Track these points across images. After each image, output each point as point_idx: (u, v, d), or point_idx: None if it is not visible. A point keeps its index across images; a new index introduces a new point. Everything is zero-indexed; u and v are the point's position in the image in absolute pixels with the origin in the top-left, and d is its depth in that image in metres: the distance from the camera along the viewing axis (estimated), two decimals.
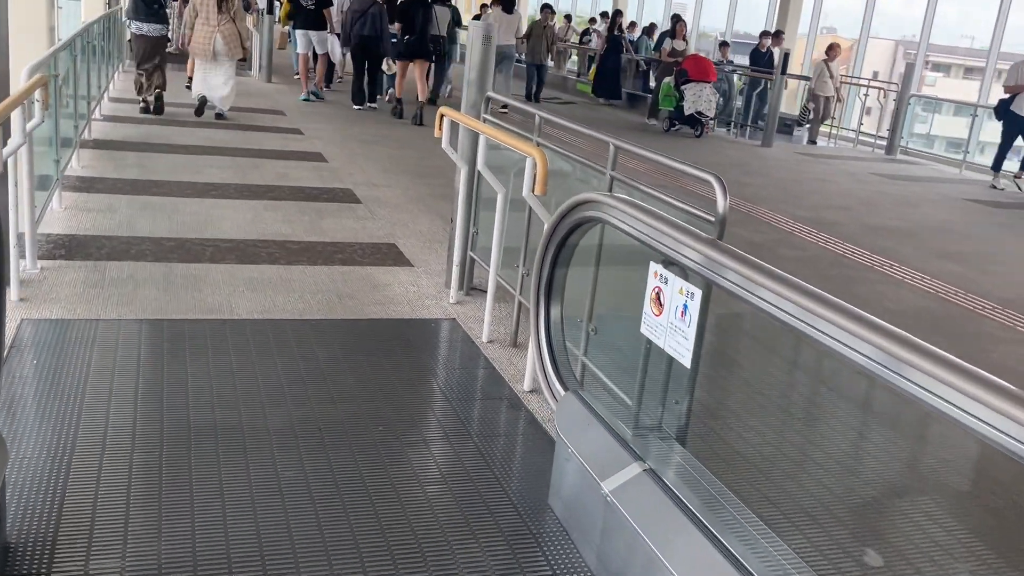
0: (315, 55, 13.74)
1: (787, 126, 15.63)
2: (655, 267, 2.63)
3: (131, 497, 2.88)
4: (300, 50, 13.64)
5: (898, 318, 4.38)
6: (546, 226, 3.27)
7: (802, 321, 1.98)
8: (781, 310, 2.05)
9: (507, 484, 3.23)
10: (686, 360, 2.46)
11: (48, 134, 5.87)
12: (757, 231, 7.84)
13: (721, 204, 2.77)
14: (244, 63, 15.96)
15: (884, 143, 15.20)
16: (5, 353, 3.58)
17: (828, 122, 16.01)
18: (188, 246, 5.50)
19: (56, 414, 3.31)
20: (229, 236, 5.80)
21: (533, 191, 3.67)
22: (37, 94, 4.30)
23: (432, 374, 4.07)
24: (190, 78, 11.23)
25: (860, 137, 15.94)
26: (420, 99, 12.25)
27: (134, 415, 3.37)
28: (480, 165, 4.29)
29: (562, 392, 3.21)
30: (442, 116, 4.79)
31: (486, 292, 5.23)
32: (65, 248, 5.19)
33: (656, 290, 2.62)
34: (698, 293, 2.42)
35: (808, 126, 15.52)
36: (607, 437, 2.83)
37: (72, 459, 3.04)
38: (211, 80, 10.12)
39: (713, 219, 2.82)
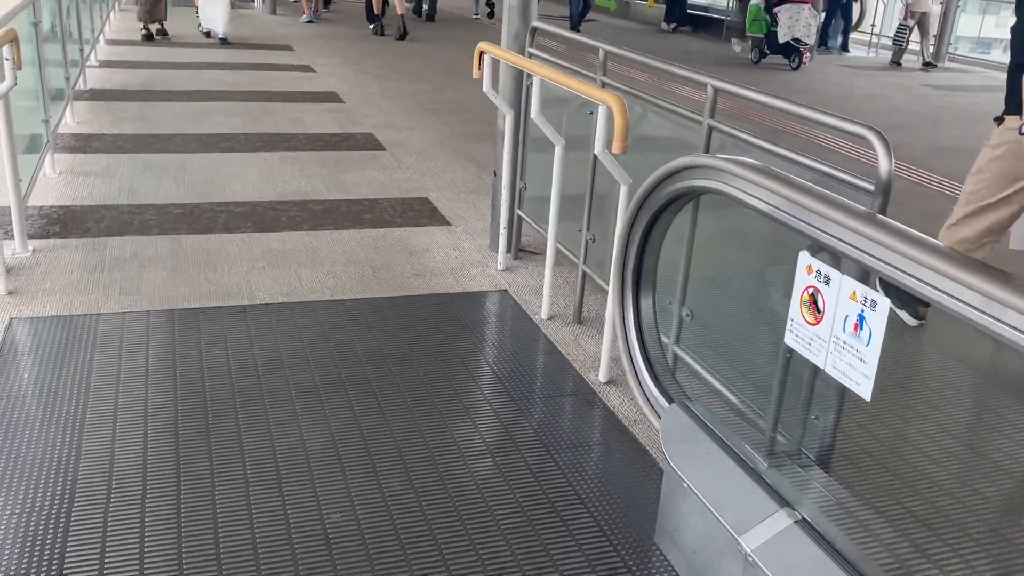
0: None
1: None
2: (808, 260, 1.99)
3: (145, 542, 2.34)
4: None
5: None
6: (634, 197, 2.62)
7: None
8: None
9: (594, 508, 2.66)
10: (864, 390, 1.84)
11: (33, 87, 5.22)
12: None
13: (884, 167, 2.12)
14: None
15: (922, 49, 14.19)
16: None
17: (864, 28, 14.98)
18: (197, 213, 4.88)
19: (52, 441, 2.75)
20: (243, 198, 5.17)
21: (609, 149, 3.01)
22: (5, 51, 3.64)
23: (487, 364, 3.47)
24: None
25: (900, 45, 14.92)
26: (399, 12, 12.55)
27: (143, 437, 2.81)
28: (534, 113, 3.62)
29: (664, 403, 2.61)
30: (481, 53, 4.09)
31: (536, 253, 4.62)
32: (60, 223, 4.58)
33: (810, 291, 1.99)
34: (883, 304, 1.78)
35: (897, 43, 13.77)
36: (735, 470, 2.24)
37: (72, 501, 2.49)
38: (209, 12, 10.88)
39: (872, 187, 2.17)
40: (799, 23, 12.12)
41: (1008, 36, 3.63)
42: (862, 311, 1.83)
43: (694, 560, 2.33)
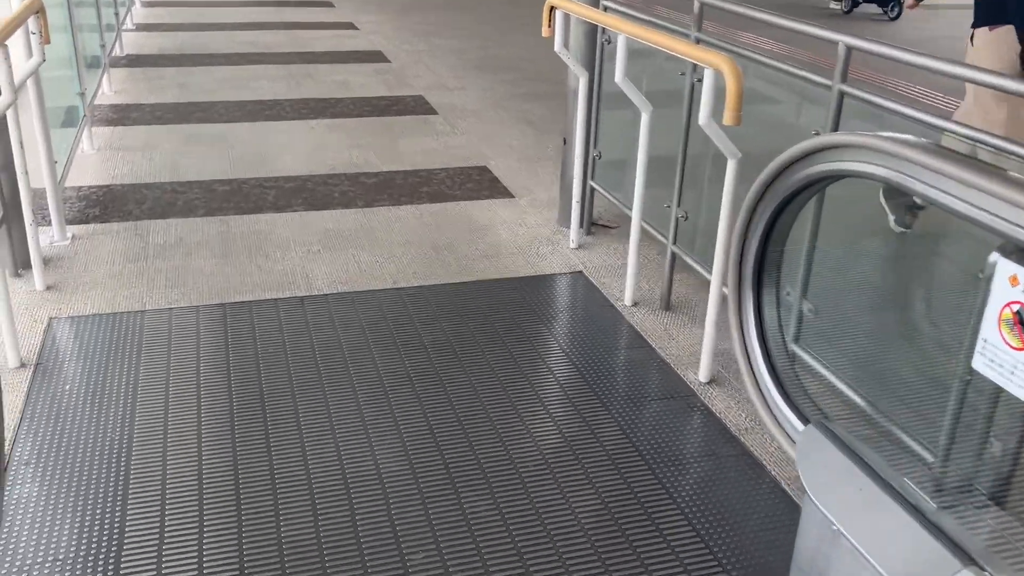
0: None
1: None
2: (1011, 268, 1.60)
3: (204, 545, 2.05)
4: None
5: None
6: (758, 180, 2.22)
7: None
8: None
9: (705, 533, 2.32)
10: None
11: (67, 55, 4.91)
12: None
13: None
14: None
15: None
16: (30, 372, 2.75)
17: None
18: (245, 190, 4.55)
19: (102, 450, 2.47)
20: (292, 172, 4.83)
21: (719, 120, 2.60)
22: (31, 23, 3.30)
23: (567, 358, 3.12)
24: None
25: None
26: None
27: (198, 450, 2.51)
28: (619, 77, 3.20)
29: (797, 423, 2.24)
30: (552, 8, 3.68)
31: (609, 227, 4.24)
32: (100, 205, 4.29)
33: (1014, 308, 1.59)
34: None
35: None
36: (899, 513, 1.87)
37: (124, 520, 2.20)
38: None
39: None
40: None
41: None
42: None
43: None
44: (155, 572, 2.13)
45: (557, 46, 3.67)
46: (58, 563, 2.15)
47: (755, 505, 2.45)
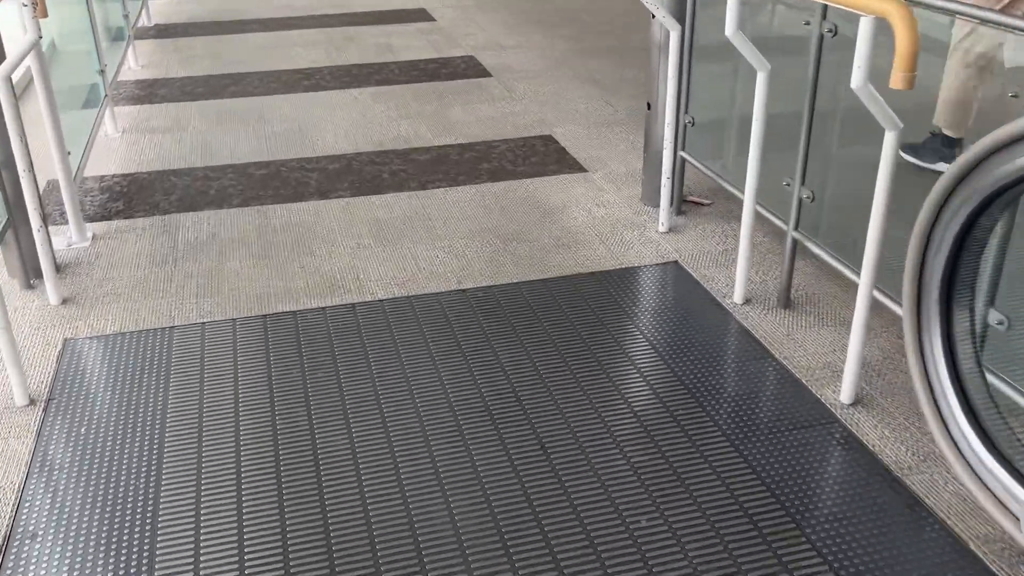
0: None
1: None
2: None
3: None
4: None
5: None
6: (944, 176, 1.66)
7: None
8: None
9: None
10: None
11: (83, 27, 4.43)
12: None
13: None
14: None
15: None
16: (40, 411, 2.30)
17: None
18: (285, 173, 4.06)
19: (118, 527, 2.02)
20: (336, 150, 4.32)
21: (880, 83, 2.02)
22: None
23: (671, 370, 2.59)
24: None
25: None
26: None
27: (238, 513, 2.05)
28: (730, 31, 2.62)
29: (1018, 490, 1.69)
30: None
31: (702, 203, 3.67)
32: (124, 198, 3.83)
33: None
34: None
35: None
36: None
37: (154, 550, 1.75)
38: None
39: None
40: None
41: None
42: None
43: None
44: None
45: (650, 2, 3.09)
46: None
47: (937, 568, 1.92)
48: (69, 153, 3.35)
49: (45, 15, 2.89)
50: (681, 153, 3.47)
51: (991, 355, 1.99)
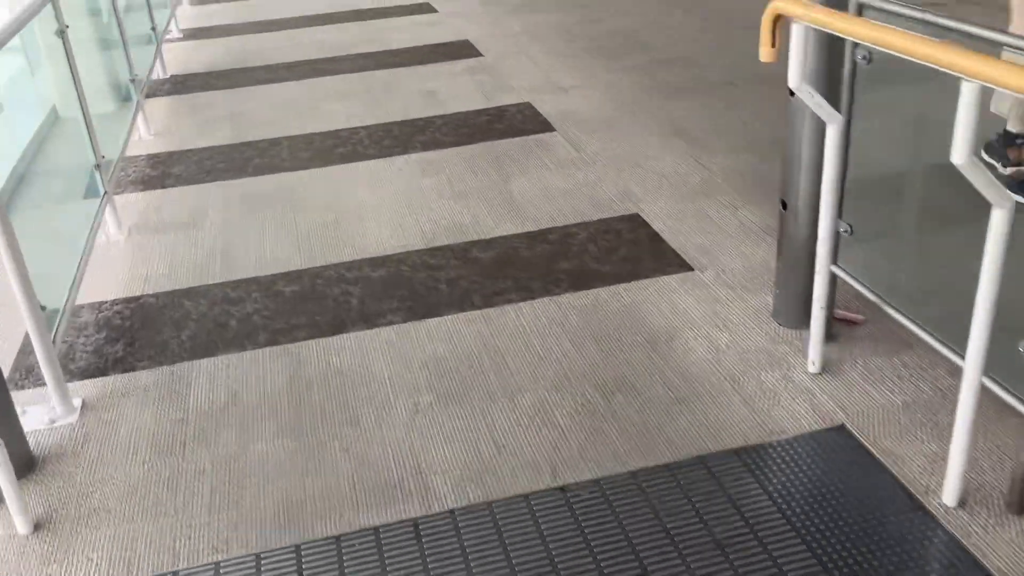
0: None
1: None
2: None
3: None
4: None
5: None
6: None
7: None
8: None
9: None
10: None
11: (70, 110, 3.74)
12: None
13: None
14: None
15: None
16: None
17: None
18: (320, 288, 3.32)
19: None
20: (380, 248, 3.57)
21: None
22: None
23: None
24: None
25: None
26: None
27: None
28: (960, 158, 1.81)
29: None
30: (777, 16, 2.27)
31: (853, 322, 2.83)
32: (124, 337, 3.11)
33: None
34: None
35: None
36: None
37: None
38: None
39: None
40: None
41: None
42: None
43: None
44: None
45: (794, 80, 2.26)
46: None
47: None
48: (45, 307, 2.63)
49: None
50: (832, 268, 2.65)
51: None
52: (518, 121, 4.86)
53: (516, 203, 3.89)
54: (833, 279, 2.66)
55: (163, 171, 4.52)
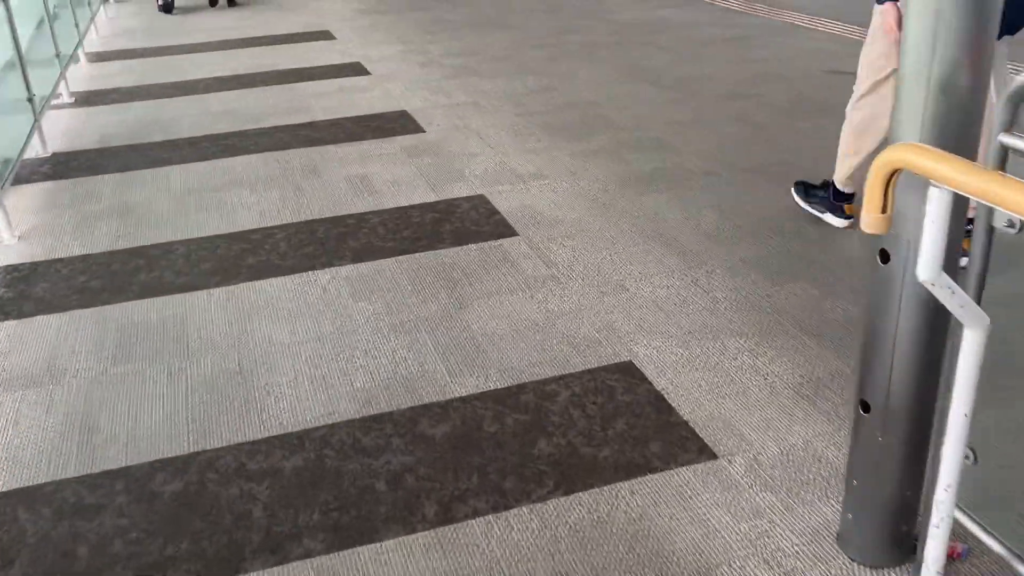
0: None
1: None
2: None
3: None
4: None
5: None
6: None
7: None
8: None
9: None
10: None
11: None
12: None
13: None
14: None
15: None
16: None
17: None
18: (212, 489, 2.39)
19: None
20: (296, 420, 2.67)
21: None
22: None
23: None
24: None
25: None
26: None
27: None
28: None
29: None
30: (893, 171, 1.50)
31: (954, 555, 2.05)
32: None
33: None
34: None
35: None
36: None
37: None
38: None
39: None
40: None
41: None
42: None
43: None
44: None
45: (929, 269, 1.48)
46: None
47: None
48: None
49: None
50: (958, 512, 1.87)
51: None
52: (471, 220, 4.04)
53: (476, 343, 3.05)
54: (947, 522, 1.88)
55: (20, 292, 3.56)
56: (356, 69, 6.82)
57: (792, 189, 4.00)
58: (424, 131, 5.29)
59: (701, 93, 5.72)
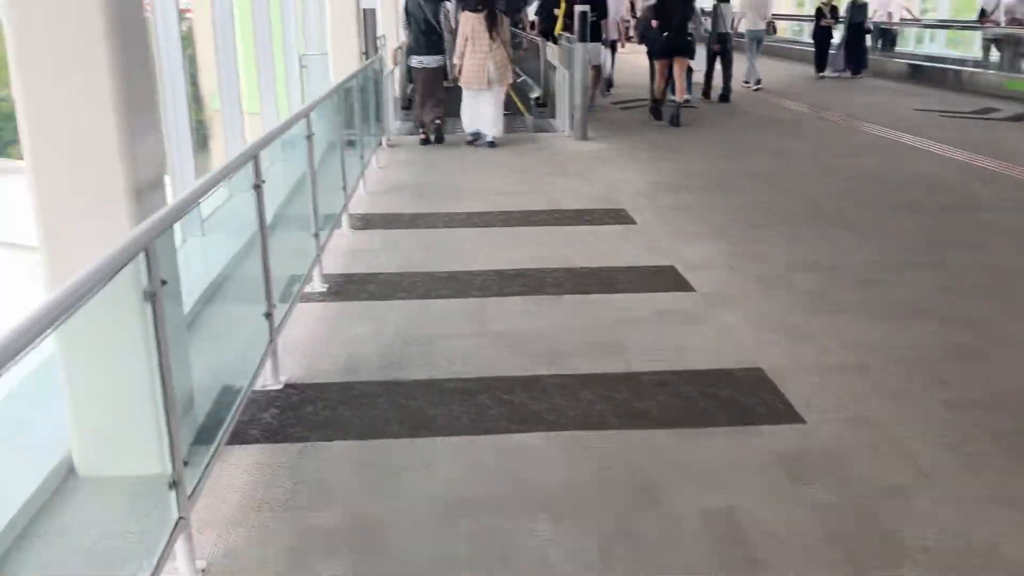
0: None
1: None
2: None
3: None
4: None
5: None
6: None
7: None
8: None
9: None
10: None
11: None
12: None
13: None
14: (544, 109, 12.34)
15: None
16: None
17: None
18: None
19: None
20: None
21: None
22: None
23: None
24: (422, 125, 9.98)
25: None
26: (678, 99, 11.19)
27: None
28: None
29: None
30: None
31: None
32: None
33: None
34: None
35: None
36: None
37: None
38: (483, 114, 9.63)
39: None
40: None
41: None
42: None
43: None
44: None
45: None
46: None
47: None
48: None
49: None
50: None
51: None
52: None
53: None
54: None
55: None
56: (674, 280, 5.19)
57: None
58: (804, 421, 3.48)
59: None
